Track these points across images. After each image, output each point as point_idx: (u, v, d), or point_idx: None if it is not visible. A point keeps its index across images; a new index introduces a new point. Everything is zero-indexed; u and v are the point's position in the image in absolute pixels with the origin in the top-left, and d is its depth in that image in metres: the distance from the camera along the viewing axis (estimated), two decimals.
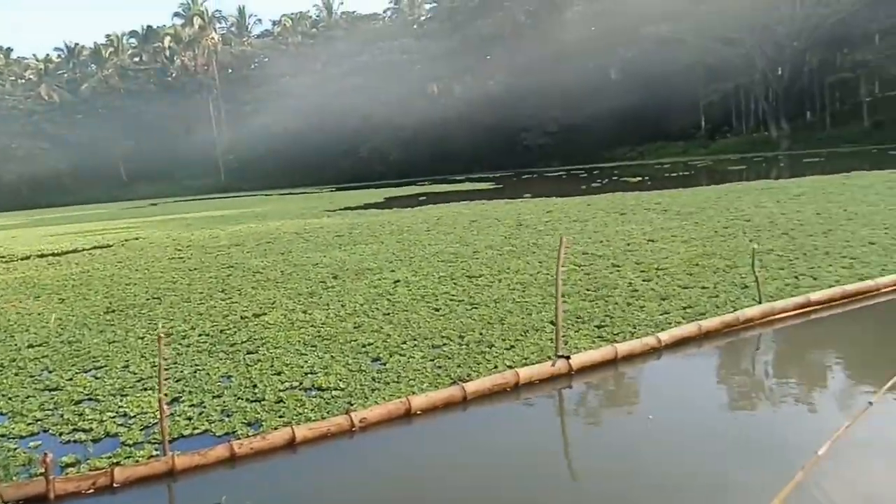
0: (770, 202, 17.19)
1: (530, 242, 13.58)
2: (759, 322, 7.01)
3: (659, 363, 6.24)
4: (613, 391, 5.91)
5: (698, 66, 55.96)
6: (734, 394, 5.69)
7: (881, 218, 12.94)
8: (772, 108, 56.17)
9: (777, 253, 10.31)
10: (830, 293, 7.56)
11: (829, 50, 53.09)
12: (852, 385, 5.60)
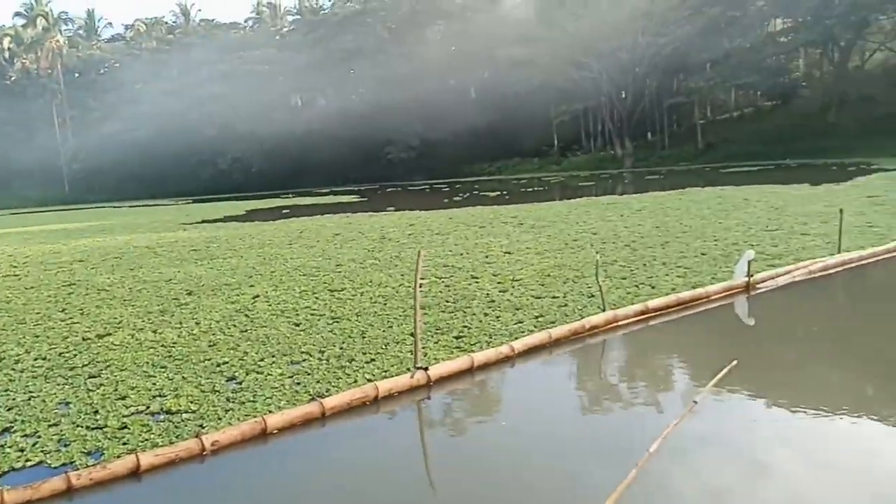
0: (615, 216, 18.41)
1: (393, 255, 13.66)
2: (603, 329, 7.50)
3: (513, 371, 6.49)
4: (470, 400, 6.06)
5: (550, 87, 59.01)
6: (581, 397, 6.05)
7: (711, 231, 14.24)
8: (617, 129, 60.34)
9: (620, 264, 11.06)
10: (667, 300, 8.23)
11: (667, 76, 58.05)
12: (684, 384, 6.10)
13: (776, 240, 12.39)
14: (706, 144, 54.86)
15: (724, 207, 18.55)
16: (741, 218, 15.96)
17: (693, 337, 7.68)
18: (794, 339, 7.48)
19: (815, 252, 10.85)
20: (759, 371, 6.25)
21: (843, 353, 6.68)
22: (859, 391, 5.72)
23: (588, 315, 7.70)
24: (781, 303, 8.78)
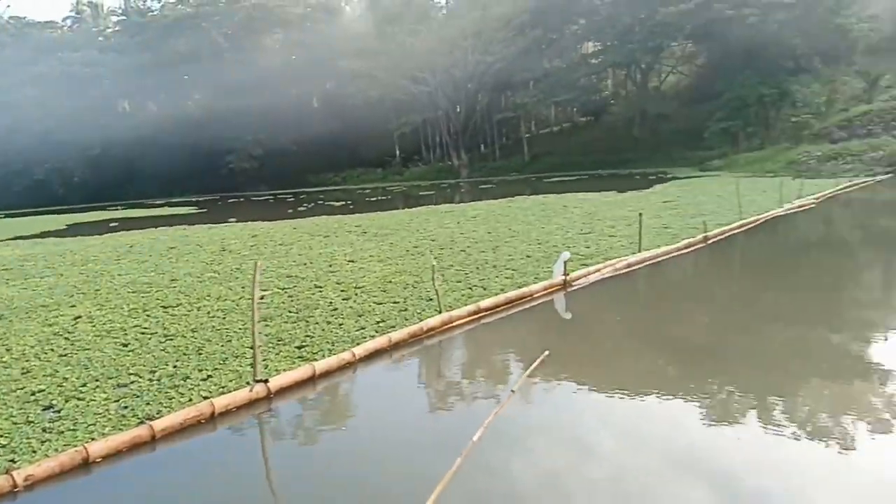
0: (452, 223, 18.96)
1: (233, 268, 13.08)
2: (440, 330, 7.70)
3: (354, 376, 6.47)
4: (311, 408, 5.96)
5: (390, 100, 59.68)
6: (417, 396, 6.17)
7: (535, 235, 15.09)
8: (453, 141, 62.24)
9: (456, 268, 11.40)
10: (496, 300, 8.62)
11: (496, 92, 60.91)
12: (508, 376, 6.42)
13: (589, 242, 13.41)
14: (532, 156, 58.12)
15: (546, 213, 19.73)
16: (560, 223, 17.07)
17: (518, 332, 8.10)
18: (603, 328, 8.15)
19: (620, 251, 11.89)
20: (572, 358, 6.78)
21: (644, 339, 7.38)
22: (661, 372, 6.33)
23: (426, 318, 7.87)
24: (592, 297, 9.52)
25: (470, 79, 57.98)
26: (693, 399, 5.51)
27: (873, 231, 16.29)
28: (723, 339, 7.32)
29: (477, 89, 59.57)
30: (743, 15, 39.95)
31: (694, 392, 5.65)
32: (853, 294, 9.65)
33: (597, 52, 57.82)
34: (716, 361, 6.55)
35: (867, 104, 35.00)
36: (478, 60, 55.94)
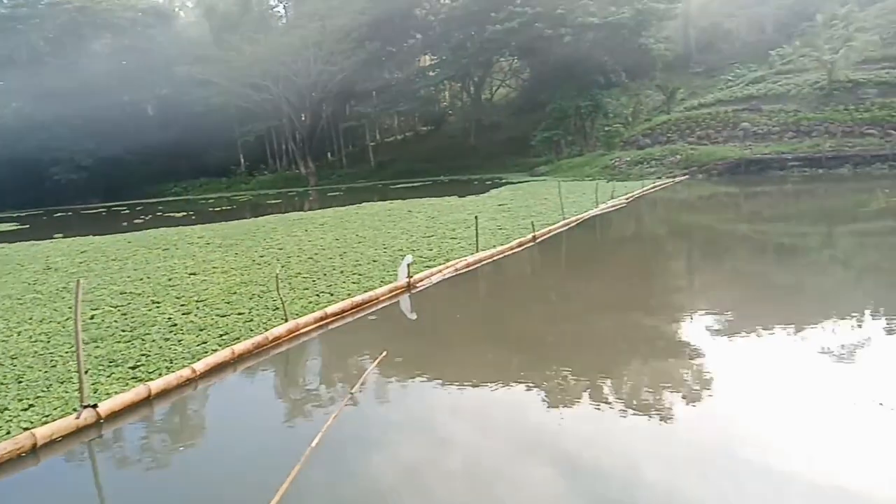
0: (300, 231, 18.53)
1: (59, 287, 11.84)
2: (286, 338, 7.52)
3: (196, 393, 6.14)
4: (147, 431, 5.56)
5: (232, 107, 57.16)
6: (258, 406, 5.98)
7: (382, 240, 15.17)
8: (299, 149, 60.87)
9: (304, 275, 11.18)
10: (343, 305, 8.57)
11: (340, 102, 60.46)
12: (350, 379, 6.41)
13: (431, 244, 13.75)
14: (378, 163, 58.36)
15: (392, 219, 19.91)
16: (405, 227, 17.32)
17: (363, 335, 8.10)
18: (445, 325, 8.41)
19: (460, 252, 12.32)
20: (415, 356, 6.93)
21: (484, 333, 7.71)
22: (502, 362, 6.65)
23: (272, 327, 7.65)
24: (435, 297, 9.79)
25: (314, 87, 57.04)
26: (532, 385, 5.85)
27: (675, 225, 18.23)
28: (555, 328, 7.84)
29: (321, 98, 58.74)
30: (560, 34, 42.95)
31: (532, 378, 6.00)
32: (662, 281, 10.74)
33: (433, 65, 59.30)
34: (549, 348, 7.00)
35: (666, 114, 38.99)
36: (320, 70, 55.18)
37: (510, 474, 4.29)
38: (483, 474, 4.33)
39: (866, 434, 4.54)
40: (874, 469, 4.04)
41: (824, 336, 6.86)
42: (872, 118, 29.44)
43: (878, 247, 12.55)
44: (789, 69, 36.67)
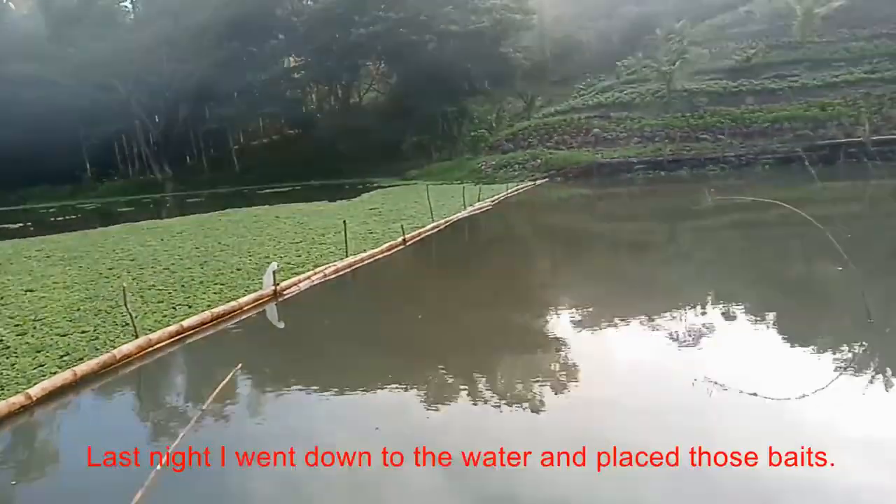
0: (155, 241, 17.32)
1: None
2: (137, 356, 6.97)
3: (32, 421, 5.52)
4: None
5: (75, 108, 52.35)
6: (104, 432, 5.50)
7: (247, 247, 14.52)
8: (154, 153, 57.06)
9: (158, 287, 10.44)
10: (202, 317, 8.09)
11: (199, 103, 57.19)
12: (203, 395, 6.01)
13: (300, 250, 13.38)
14: (243, 168, 56.05)
15: (258, 225, 19.16)
16: (273, 234, 16.72)
17: (223, 348, 7.70)
18: (314, 333, 8.21)
19: (330, 258, 12.09)
20: (280, 366, 6.70)
21: (356, 338, 7.61)
22: (376, 366, 6.56)
23: (120, 345, 7.06)
24: (303, 304, 9.53)
25: (167, 87, 53.67)
26: (405, 386, 5.84)
27: (538, 225, 19.09)
28: (427, 329, 7.89)
29: (177, 99, 55.39)
30: (424, 40, 43.62)
31: (405, 380, 5.99)
32: (528, 278, 11.19)
33: (298, 66, 57.94)
34: (422, 349, 7.04)
35: (527, 121, 40.83)
36: (174, 69, 52.06)
37: (383, 481, 4.25)
38: (352, 486, 4.25)
39: (706, 410, 4.99)
40: (715, 442, 4.43)
41: (672, 323, 7.47)
42: (705, 124, 32.61)
43: (711, 241, 13.89)
44: (634, 79, 39.67)
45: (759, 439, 4.31)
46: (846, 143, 26.47)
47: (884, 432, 4.48)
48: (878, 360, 5.83)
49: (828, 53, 34.70)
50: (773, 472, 4.00)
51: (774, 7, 40.38)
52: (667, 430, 4.68)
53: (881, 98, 29.59)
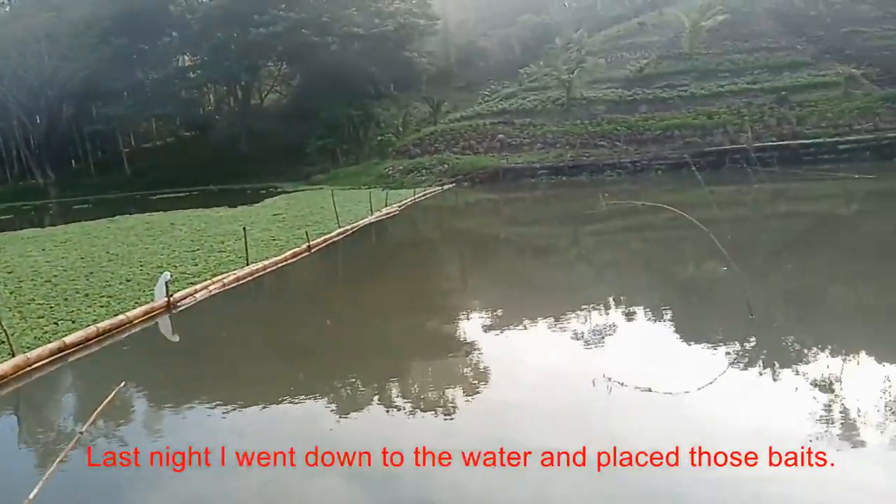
0: (35, 251, 16.04)
1: None
2: (13, 376, 6.40)
3: None
4: None
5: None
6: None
7: (138, 256, 13.73)
8: (35, 155, 52.93)
9: (38, 302, 9.66)
10: (86, 333, 7.56)
11: (84, 102, 53.50)
12: (84, 418, 5.62)
13: (197, 259, 12.78)
14: (134, 172, 53.00)
15: (151, 233, 18.16)
16: (167, 241, 15.90)
17: (110, 365, 7.22)
18: (211, 345, 7.86)
19: (229, 266, 11.62)
20: (171, 382, 6.37)
21: (257, 349, 7.35)
22: (280, 377, 6.35)
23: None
24: (200, 316, 9.12)
25: (49, 85, 49.94)
26: (317, 396, 5.69)
27: (446, 229, 19.25)
28: (337, 336, 7.75)
29: (60, 97, 51.63)
30: (327, 42, 43.01)
31: (316, 390, 5.84)
32: (438, 283, 11.24)
33: (194, 65, 55.51)
34: (333, 357, 6.90)
35: (433, 126, 41.09)
36: (56, 66, 48.51)
37: (299, 492, 4.12)
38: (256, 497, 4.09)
39: (607, 408, 5.19)
40: (618, 439, 4.61)
41: (574, 324, 7.74)
42: (603, 131, 34.07)
43: (609, 244, 14.54)
44: (535, 87, 40.85)
45: (658, 433, 4.53)
46: (731, 150, 28.38)
47: (768, 421, 4.82)
48: (760, 355, 6.28)
49: (714, 65, 37.15)
50: (672, 469, 4.20)
51: (665, 20, 42.86)
52: (572, 429, 4.82)
53: (762, 107, 32.00)
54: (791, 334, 6.82)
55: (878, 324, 7.26)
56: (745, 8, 42.16)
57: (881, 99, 29.94)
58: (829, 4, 41.32)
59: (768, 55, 36.96)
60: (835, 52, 35.71)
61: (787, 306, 8.11)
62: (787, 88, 32.75)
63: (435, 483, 4.15)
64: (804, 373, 5.70)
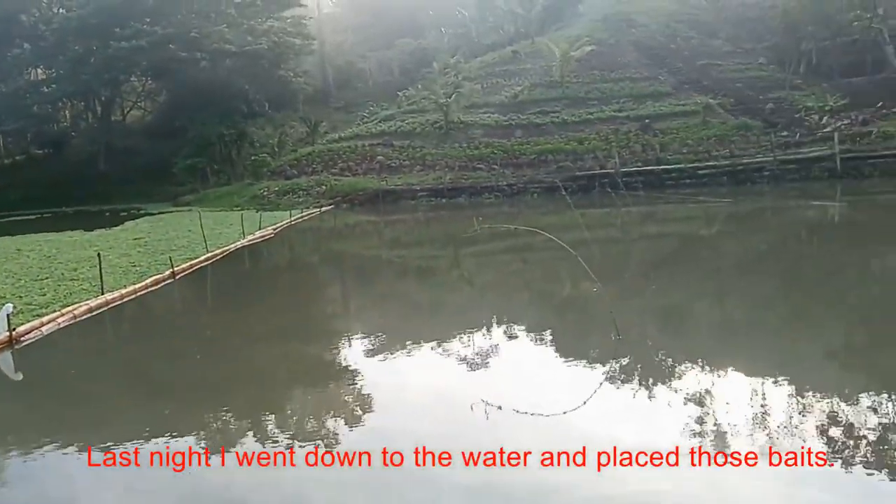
0: None
1: None
2: None
3: None
4: None
5: None
6: None
7: None
8: None
9: None
10: None
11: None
12: None
13: (45, 288, 11.60)
14: None
15: None
16: (12, 269, 14.32)
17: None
18: (56, 385, 7.14)
19: (82, 296, 10.63)
20: (10, 423, 5.71)
21: (109, 386, 6.76)
22: (135, 417, 5.84)
23: None
24: (47, 351, 8.28)
25: None
26: (178, 435, 5.28)
27: (325, 253, 18.89)
28: (204, 369, 7.29)
29: None
30: (196, 58, 41.29)
31: (178, 428, 5.43)
32: (317, 308, 10.94)
33: (48, 79, 51.23)
34: (203, 392, 6.48)
35: (311, 146, 40.42)
36: None
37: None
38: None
39: (487, 431, 5.25)
40: (496, 460, 4.65)
41: (460, 347, 7.81)
42: (480, 155, 35.10)
43: (486, 266, 14.92)
44: (414, 109, 41.41)
45: (535, 456, 4.64)
46: (600, 175, 30.17)
47: (639, 437, 5.08)
48: (626, 373, 6.63)
49: (583, 93, 39.46)
50: (553, 490, 4.30)
51: (537, 49, 45.12)
52: (454, 454, 4.82)
53: (628, 134, 34.36)
54: (655, 351, 7.27)
55: (738, 338, 7.93)
56: (611, 40, 45.37)
57: (735, 127, 33.12)
58: (686, 39, 45.47)
59: (633, 85, 39.85)
60: (693, 83, 39.21)
61: (652, 324, 8.67)
62: (651, 116, 35.46)
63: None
64: (672, 388, 6.09)
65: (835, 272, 11.47)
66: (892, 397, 5.58)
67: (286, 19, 47.13)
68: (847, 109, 31.77)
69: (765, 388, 6.00)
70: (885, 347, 7.11)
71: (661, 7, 50.03)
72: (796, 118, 33.00)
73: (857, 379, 6.19)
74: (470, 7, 60.46)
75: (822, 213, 19.87)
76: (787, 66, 38.72)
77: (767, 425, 5.16)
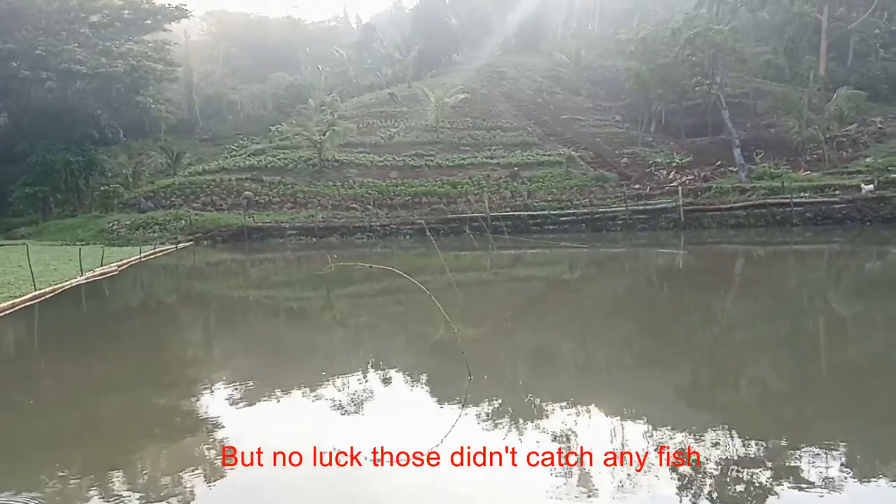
0: None
1: None
2: None
3: None
4: None
5: None
6: None
7: None
8: None
9: None
10: None
11: None
12: None
13: None
14: None
15: None
16: None
17: None
18: None
19: None
20: None
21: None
22: None
23: None
24: None
25: None
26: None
27: (182, 292, 17.69)
28: (37, 421, 6.45)
29: None
30: (41, 78, 38.21)
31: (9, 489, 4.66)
32: (173, 354, 10.09)
33: None
34: (25, 451, 5.66)
35: (171, 178, 38.29)
36: None
37: None
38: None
39: (345, 483, 4.97)
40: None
41: (332, 391, 7.50)
42: (355, 194, 34.95)
43: (357, 308, 14.62)
44: (286, 145, 40.64)
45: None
46: (471, 218, 30.98)
47: (492, 474, 5.02)
48: (477, 413, 6.63)
49: (457, 138, 40.72)
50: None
51: (413, 93, 46.15)
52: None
53: (498, 180, 35.74)
54: (507, 390, 7.35)
55: (591, 375, 8.19)
56: (483, 90, 47.42)
57: (594, 178, 35.49)
58: (552, 94, 48.44)
59: (503, 134, 41.74)
60: (557, 135, 41.75)
61: (508, 365, 8.79)
62: (519, 164, 37.18)
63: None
64: (519, 427, 6.12)
65: (681, 315, 12.34)
66: (732, 432, 5.94)
67: (147, 43, 44.86)
68: (691, 166, 35.31)
69: (614, 425, 6.23)
70: (725, 384, 7.65)
71: (529, 62, 53.26)
72: (647, 172, 36.09)
73: (700, 415, 6.56)
74: (348, 48, 61.06)
75: (670, 260, 21.51)
76: (640, 124, 42.36)
77: (619, 462, 5.29)
